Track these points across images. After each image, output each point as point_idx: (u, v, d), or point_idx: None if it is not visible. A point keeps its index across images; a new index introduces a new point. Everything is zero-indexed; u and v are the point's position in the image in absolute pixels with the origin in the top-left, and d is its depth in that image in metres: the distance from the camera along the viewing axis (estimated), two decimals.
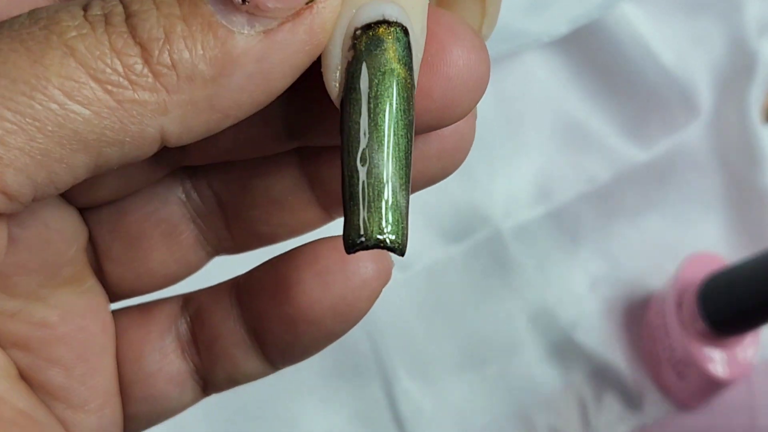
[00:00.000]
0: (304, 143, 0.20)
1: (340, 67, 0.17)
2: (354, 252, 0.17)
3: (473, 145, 0.20)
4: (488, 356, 0.45)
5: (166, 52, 0.16)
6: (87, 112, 0.15)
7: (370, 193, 0.16)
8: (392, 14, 0.17)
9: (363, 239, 0.16)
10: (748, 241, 0.47)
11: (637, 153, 0.48)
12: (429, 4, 0.17)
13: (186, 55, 0.16)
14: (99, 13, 0.16)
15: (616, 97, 0.48)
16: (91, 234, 0.21)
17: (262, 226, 0.21)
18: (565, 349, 0.45)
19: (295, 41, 0.16)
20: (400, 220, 0.16)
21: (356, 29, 0.17)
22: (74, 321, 0.20)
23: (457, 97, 0.17)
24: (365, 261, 0.19)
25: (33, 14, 0.16)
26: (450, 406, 0.45)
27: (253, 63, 0.16)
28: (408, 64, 0.17)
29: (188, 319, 0.21)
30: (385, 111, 0.17)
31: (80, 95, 0.15)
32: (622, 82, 0.48)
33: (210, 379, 0.22)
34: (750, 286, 0.39)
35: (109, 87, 0.15)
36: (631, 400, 0.45)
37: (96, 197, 0.20)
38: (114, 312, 0.21)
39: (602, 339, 0.46)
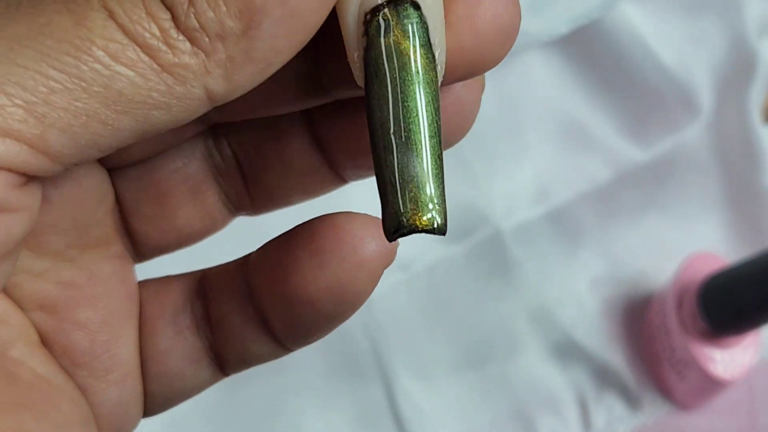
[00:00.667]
0: (324, 99, 0.20)
1: (358, 51, 0.17)
2: (394, 239, 0.16)
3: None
4: (488, 356, 0.45)
5: (192, 15, 0.16)
6: (132, 73, 0.15)
7: (403, 178, 0.16)
8: None
9: (402, 226, 0.16)
10: (748, 241, 0.47)
11: (637, 153, 0.48)
12: None
13: (210, 14, 0.16)
14: None
15: (616, 97, 0.48)
16: (118, 193, 0.21)
17: (276, 188, 0.21)
18: (565, 349, 0.45)
19: None
20: (436, 201, 0.16)
21: (366, 13, 0.17)
22: (101, 284, 0.20)
23: (487, 50, 0.17)
24: (365, 240, 0.19)
25: None
26: (450, 406, 0.45)
27: (279, 6, 0.16)
28: (423, 39, 0.17)
29: (203, 297, 0.21)
30: (407, 94, 0.16)
31: (125, 57, 0.15)
32: (622, 82, 0.48)
33: (224, 358, 0.21)
34: (750, 286, 0.39)
35: (151, 51, 0.15)
36: (631, 400, 0.45)
37: (126, 158, 0.20)
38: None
39: (602, 339, 0.46)
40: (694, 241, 0.47)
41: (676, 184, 0.48)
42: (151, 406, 0.21)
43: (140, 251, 0.22)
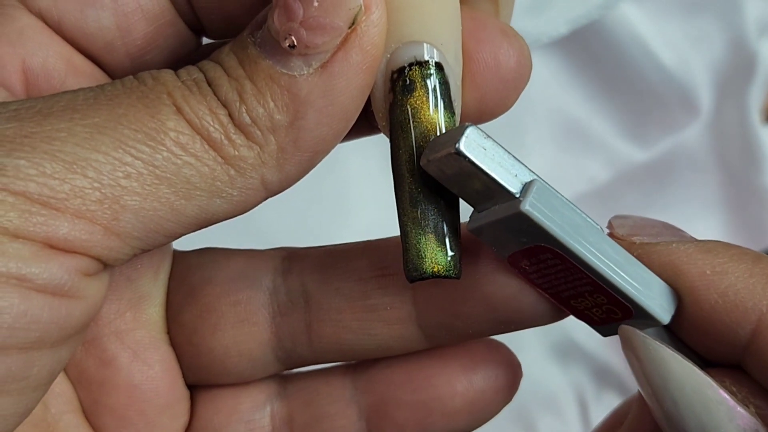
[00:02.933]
0: None
1: (384, 108, 0.18)
2: (414, 282, 0.18)
3: None
4: None
5: (244, 111, 0.17)
6: (199, 164, 0.17)
7: (421, 230, 0.18)
8: (423, 54, 0.18)
9: (418, 273, 0.17)
10: (748, 241, 0.47)
11: (637, 153, 0.48)
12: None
13: (261, 110, 0.17)
14: (190, 78, 0.17)
15: (616, 98, 0.48)
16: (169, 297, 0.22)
17: (347, 332, 0.21)
18: (565, 349, 0.45)
19: (351, 65, 0.17)
20: (447, 251, 0.18)
21: (393, 72, 0.18)
22: (143, 370, 0.21)
23: (508, 93, 0.19)
24: (506, 365, 0.21)
25: (138, 77, 0.17)
26: None
27: (321, 98, 0.17)
28: (444, 98, 0.18)
29: (287, 399, 0.22)
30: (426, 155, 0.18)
31: (192, 148, 0.17)
32: (622, 82, 0.48)
33: None
34: None
35: (214, 144, 0.17)
36: None
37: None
38: (206, 386, 0.22)
39: (603, 339, 0.45)
40: None
41: (675, 184, 0.48)
42: None
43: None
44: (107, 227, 0.16)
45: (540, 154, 0.48)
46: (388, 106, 0.18)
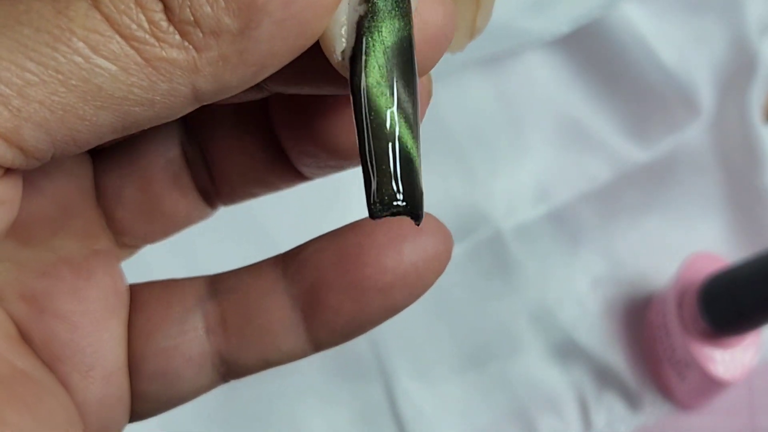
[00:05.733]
0: (287, 90, 0.19)
1: (347, 23, 0.16)
2: (379, 218, 0.16)
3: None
4: (488, 356, 0.45)
5: (187, 8, 0.15)
6: (113, 67, 0.15)
7: (389, 159, 0.16)
8: None
9: (380, 206, 0.16)
10: (749, 241, 0.47)
11: (638, 153, 0.48)
12: None
13: (208, 9, 0.15)
14: None
15: (617, 97, 0.48)
16: (101, 182, 0.20)
17: (237, 180, 0.21)
18: (565, 349, 0.45)
19: None
20: (412, 185, 0.16)
21: None
22: (85, 276, 0.20)
23: (433, 53, 0.17)
24: (435, 235, 0.19)
25: None
26: (450, 406, 0.45)
27: (281, 9, 0.15)
28: (411, 17, 0.16)
29: (218, 299, 0.21)
30: (402, 72, 0.16)
31: (106, 49, 0.15)
32: (623, 81, 0.48)
33: (239, 362, 0.21)
34: (750, 286, 0.39)
35: (136, 43, 0.15)
36: (632, 400, 0.45)
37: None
38: (135, 285, 0.21)
39: (603, 339, 0.46)
40: (694, 241, 0.47)
41: (676, 184, 0.48)
42: (141, 409, 0.21)
43: (125, 242, 0.21)
44: (8, 139, 0.15)
45: (541, 153, 0.48)
46: (356, 19, 0.16)
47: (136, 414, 0.21)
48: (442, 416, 0.44)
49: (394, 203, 0.16)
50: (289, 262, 0.20)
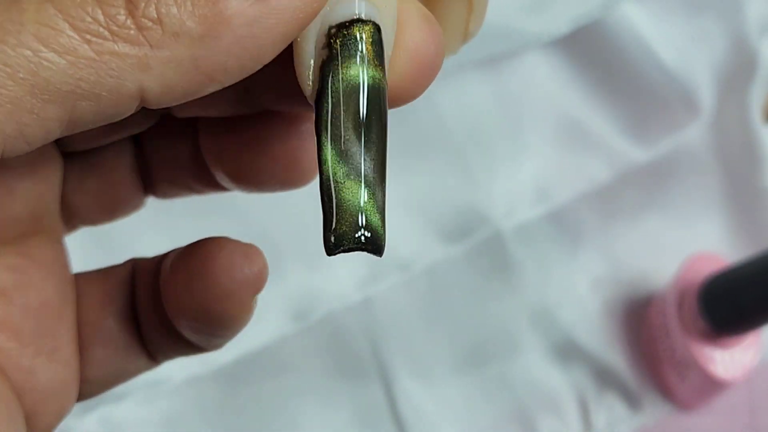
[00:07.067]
0: (260, 107, 0.20)
1: (313, 65, 0.16)
2: (334, 254, 0.16)
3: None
4: (488, 356, 0.45)
5: (153, 6, 0.15)
6: (62, 61, 0.15)
7: (345, 195, 0.16)
8: (367, 12, 0.16)
9: (339, 242, 0.16)
10: (749, 241, 0.47)
11: (638, 153, 0.48)
12: None
13: (174, 10, 0.15)
14: None
15: (617, 97, 0.48)
16: (65, 173, 0.21)
17: (169, 182, 0.22)
18: (565, 350, 0.45)
19: (289, 7, 0.15)
20: (375, 221, 0.16)
21: (330, 27, 0.16)
22: (44, 268, 0.20)
23: (424, 79, 0.17)
24: (232, 269, 0.19)
25: None
26: (450, 406, 0.45)
27: (245, 26, 0.15)
28: (382, 63, 0.16)
29: (133, 286, 0.22)
30: (360, 112, 0.16)
31: (56, 43, 0.15)
32: (623, 81, 0.48)
33: (149, 348, 0.22)
34: (751, 286, 0.39)
35: (88, 36, 0.15)
36: (632, 401, 0.45)
37: (78, 146, 0.21)
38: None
39: (603, 339, 0.46)
40: (694, 242, 0.47)
41: (676, 184, 0.48)
42: (85, 390, 0.21)
43: (73, 225, 0.22)
44: None
45: (540, 153, 0.48)
46: (320, 63, 0.16)
47: (79, 396, 0.21)
48: (442, 416, 0.44)
49: (354, 244, 0.16)
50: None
